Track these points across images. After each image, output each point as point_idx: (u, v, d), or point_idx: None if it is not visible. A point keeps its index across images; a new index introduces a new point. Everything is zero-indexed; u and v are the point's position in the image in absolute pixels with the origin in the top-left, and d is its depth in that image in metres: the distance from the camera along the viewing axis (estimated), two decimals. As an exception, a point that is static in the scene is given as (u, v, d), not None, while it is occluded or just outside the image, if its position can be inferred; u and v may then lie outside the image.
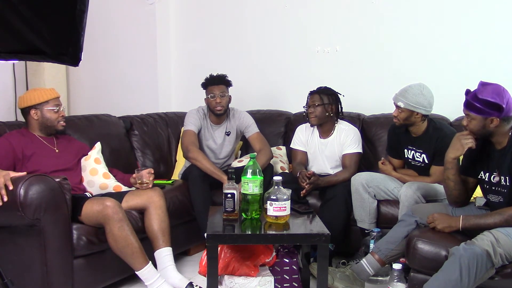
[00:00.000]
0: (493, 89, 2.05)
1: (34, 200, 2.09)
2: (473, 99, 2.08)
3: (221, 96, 3.17)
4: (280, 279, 2.37)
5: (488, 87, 2.06)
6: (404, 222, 2.35)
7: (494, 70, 3.14)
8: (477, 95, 2.06)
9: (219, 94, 3.16)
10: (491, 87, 2.06)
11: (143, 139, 3.45)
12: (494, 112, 2.04)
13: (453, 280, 1.85)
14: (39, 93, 2.60)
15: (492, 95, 2.03)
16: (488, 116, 2.06)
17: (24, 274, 2.20)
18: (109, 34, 4.31)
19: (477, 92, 2.07)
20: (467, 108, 2.12)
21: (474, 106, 2.08)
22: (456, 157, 2.23)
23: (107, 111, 3.41)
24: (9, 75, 4.02)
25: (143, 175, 2.64)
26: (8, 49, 1.12)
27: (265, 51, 3.99)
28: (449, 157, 2.23)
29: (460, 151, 2.20)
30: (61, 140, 2.72)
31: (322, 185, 2.97)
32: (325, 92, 3.08)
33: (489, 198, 2.23)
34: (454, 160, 2.23)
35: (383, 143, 3.25)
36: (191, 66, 4.28)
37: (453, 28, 3.36)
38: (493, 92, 2.04)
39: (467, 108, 2.12)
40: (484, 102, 2.04)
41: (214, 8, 4.18)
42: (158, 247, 2.51)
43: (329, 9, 3.73)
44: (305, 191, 2.90)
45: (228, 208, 2.18)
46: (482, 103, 2.05)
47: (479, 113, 2.07)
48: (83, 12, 1.09)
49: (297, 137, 3.25)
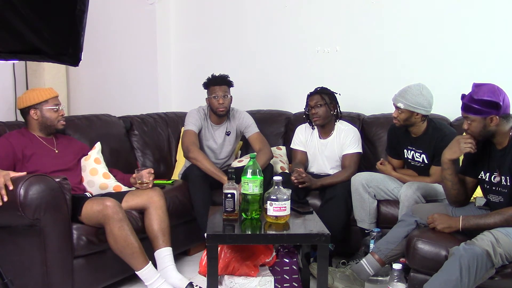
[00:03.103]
0: (488, 88, 2.07)
1: (34, 200, 2.09)
2: (469, 101, 2.09)
3: (224, 96, 3.17)
4: (280, 279, 2.37)
5: (482, 87, 2.08)
6: (404, 222, 2.36)
7: (494, 70, 3.14)
8: (473, 97, 2.07)
9: (222, 95, 3.16)
10: (485, 87, 2.08)
11: (143, 139, 3.45)
12: (492, 110, 2.05)
13: (453, 280, 1.85)
14: (38, 93, 2.60)
15: (487, 94, 2.05)
16: (487, 115, 2.06)
17: (24, 274, 2.20)
18: (109, 34, 4.31)
19: (472, 94, 2.09)
20: (465, 111, 2.13)
21: (471, 108, 2.08)
22: (452, 159, 2.23)
23: (107, 111, 3.41)
24: (9, 75, 4.02)
25: (143, 175, 2.64)
26: (8, 49, 1.12)
27: (265, 51, 3.99)
28: (445, 157, 2.24)
29: (457, 154, 2.21)
30: (61, 140, 2.72)
31: (321, 185, 2.97)
32: (324, 92, 3.08)
33: (489, 198, 2.23)
34: (450, 161, 2.24)
35: (383, 143, 3.25)
36: (191, 66, 4.28)
37: (453, 28, 3.36)
38: (488, 91, 2.06)
39: (465, 111, 2.13)
40: (481, 102, 2.05)
41: (214, 8, 4.18)
42: (158, 247, 2.51)
43: (329, 9, 3.73)
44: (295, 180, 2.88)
45: (228, 208, 2.18)
46: (479, 103, 2.05)
47: (477, 114, 2.08)
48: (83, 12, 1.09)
49: (296, 137, 3.25)
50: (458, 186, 2.28)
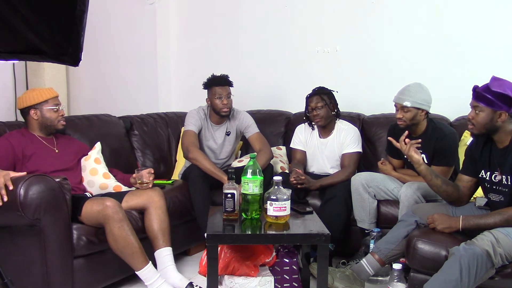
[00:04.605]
0: (506, 83, 2.07)
1: (34, 200, 2.09)
2: (484, 90, 2.08)
3: (228, 97, 3.17)
4: (280, 279, 2.37)
5: (500, 81, 2.08)
6: (404, 222, 2.36)
7: (495, 71, 3.07)
8: (490, 87, 2.07)
9: (226, 96, 3.16)
10: (503, 82, 2.08)
11: (143, 139, 3.45)
12: (504, 105, 2.05)
13: (453, 280, 1.85)
14: (37, 93, 2.60)
15: (504, 88, 2.04)
16: (498, 109, 2.06)
17: (24, 274, 2.20)
18: (109, 34, 4.31)
19: (490, 85, 2.08)
20: (476, 100, 2.12)
21: (485, 98, 2.08)
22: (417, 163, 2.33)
23: (107, 111, 3.41)
24: (9, 75, 4.02)
25: (143, 175, 2.64)
26: (8, 49, 1.12)
27: (265, 51, 3.99)
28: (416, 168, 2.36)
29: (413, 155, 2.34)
30: (61, 140, 2.72)
31: (320, 186, 2.97)
32: (323, 92, 3.09)
33: (490, 197, 2.23)
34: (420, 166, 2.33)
35: (383, 143, 3.25)
36: (191, 66, 4.28)
37: (453, 29, 3.35)
38: (506, 86, 2.06)
39: (476, 99, 2.12)
40: (497, 94, 2.04)
41: (214, 8, 4.18)
42: (158, 247, 2.51)
43: (329, 9, 3.73)
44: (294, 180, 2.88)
45: (228, 208, 2.18)
46: (494, 95, 2.05)
47: (489, 105, 2.08)
48: (83, 12, 1.09)
49: (296, 136, 3.25)
50: (444, 188, 2.31)
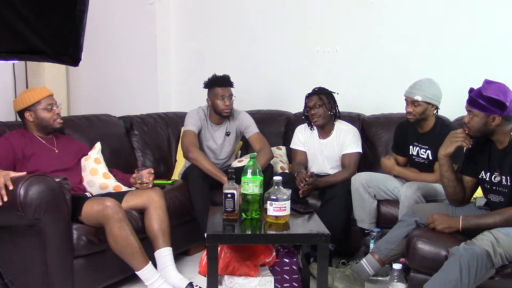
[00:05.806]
0: (498, 87, 2.07)
1: (34, 200, 2.09)
2: (477, 96, 2.09)
3: (230, 98, 3.17)
4: (280, 279, 2.37)
5: (493, 85, 2.08)
6: (404, 222, 2.35)
7: (497, 70, 3.13)
8: (482, 92, 2.07)
9: (228, 97, 3.16)
10: (496, 85, 2.08)
11: (143, 139, 3.45)
12: (497, 109, 2.05)
13: (453, 280, 1.85)
14: (29, 95, 2.57)
15: (496, 92, 2.04)
16: (491, 113, 2.07)
17: (24, 274, 2.20)
18: (109, 34, 4.31)
19: (481, 90, 2.08)
20: (470, 105, 2.13)
21: (477, 103, 2.08)
22: (446, 154, 2.25)
23: (107, 111, 3.41)
24: (9, 75, 4.02)
25: (143, 175, 2.64)
26: (8, 49, 1.12)
27: (265, 51, 3.99)
28: (440, 153, 2.28)
29: (450, 148, 2.23)
30: (61, 140, 2.72)
31: (321, 186, 2.97)
32: (322, 92, 3.09)
33: (489, 197, 2.23)
34: (445, 156, 2.26)
35: (383, 143, 3.25)
36: (191, 66, 4.28)
37: (454, 28, 3.36)
38: (497, 90, 2.05)
39: (470, 105, 2.13)
40: (488, 99, 2.05)
41: (214, 8, 4.18)
42: (158, 247, 2.51)
43: (329, 9, 3.73)
44: (301, 192, 2.89)
45: (228, 208, 2.18)
46: (486, 100, 2.05)
47: (482, 110, 2.08)
48: (83, 12, 1.09)
49: (296, 137, 3.25)
50: (455, 184, 2.29)
